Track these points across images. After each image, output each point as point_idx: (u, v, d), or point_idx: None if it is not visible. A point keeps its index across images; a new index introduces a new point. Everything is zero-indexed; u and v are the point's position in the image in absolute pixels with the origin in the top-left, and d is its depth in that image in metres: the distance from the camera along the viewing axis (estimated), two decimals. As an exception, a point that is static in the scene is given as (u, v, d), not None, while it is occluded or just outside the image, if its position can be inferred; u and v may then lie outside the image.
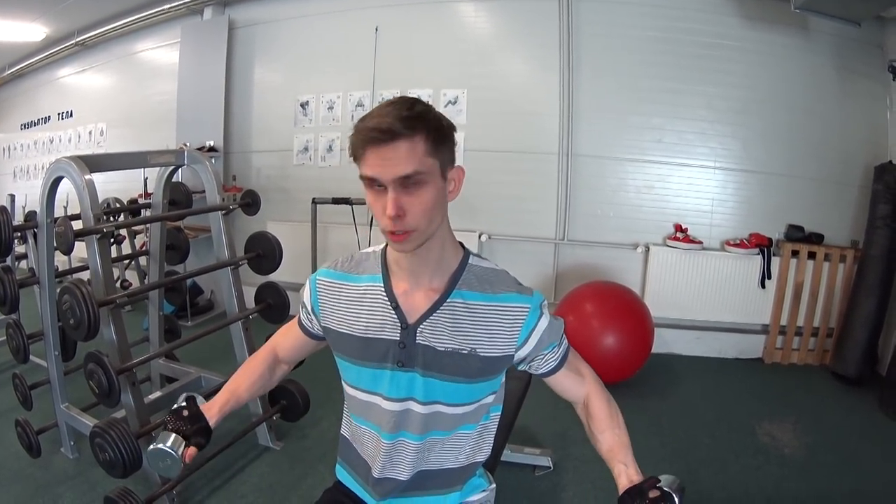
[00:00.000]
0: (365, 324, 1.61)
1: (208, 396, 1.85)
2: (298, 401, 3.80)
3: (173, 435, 1.66)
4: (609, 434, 1.72)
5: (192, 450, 1.69)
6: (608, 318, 4.63)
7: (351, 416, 1.78)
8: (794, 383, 4.95)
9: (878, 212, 4.90)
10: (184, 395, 1.77)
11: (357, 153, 1.38)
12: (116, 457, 2.74)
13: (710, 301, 5.38)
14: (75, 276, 3.72)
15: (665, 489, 1.43)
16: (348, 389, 1.73)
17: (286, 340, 1.92)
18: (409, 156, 1.33)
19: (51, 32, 7.69)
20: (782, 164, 5.34)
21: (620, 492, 1.49)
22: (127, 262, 6.65)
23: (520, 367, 1.69)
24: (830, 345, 5.23)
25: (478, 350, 1.55)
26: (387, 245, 1.60)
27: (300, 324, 1.82)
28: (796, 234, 5.26)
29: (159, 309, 4.17)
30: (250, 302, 3.83)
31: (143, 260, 6.25)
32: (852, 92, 5.27)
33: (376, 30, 5.99)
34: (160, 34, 7.24)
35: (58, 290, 2.91)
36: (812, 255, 5.22)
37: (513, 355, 1.59)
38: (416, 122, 1.33)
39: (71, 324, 2.77)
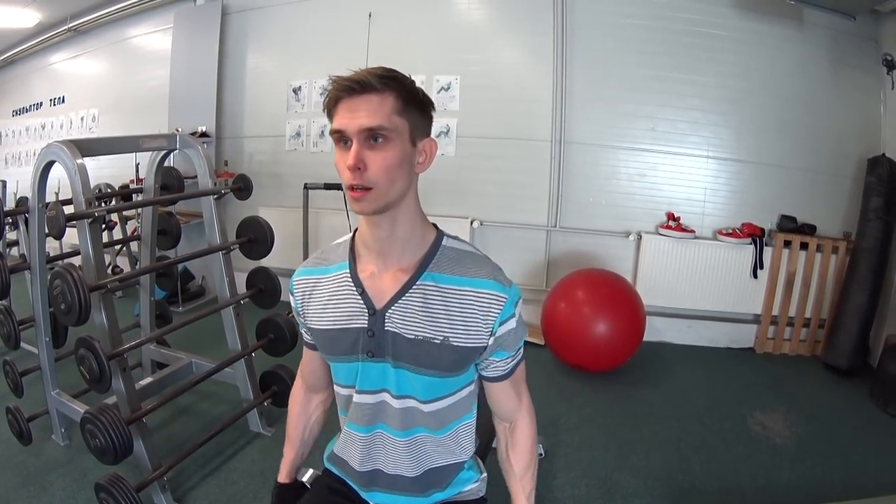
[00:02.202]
0: (334, 314, 1.58)
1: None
2: (289, 387, 3.76)
3: None
4: (518, 480, 1.70)
5: None
6: (600, 306, 4.63)
7: (339, 408, 1.75)
8: (785, 373, 4.97)
9: (870, 204, 4.90)
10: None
11: (330, 108, 1.41)
12: (107, 443, 2.74)
13: (702, 290, 5.38)
14: (66, 260, 3.70)
15: None
16: (334, 385, 1.71)
17: (305, 366, 1.88)
18: (378, 109, 1.34)
19: (43, 18, 7.64)
20: (775, 154, 5.34)
21: None
22: (118, 247, 6.63)
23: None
24: (822, 336, 5.25)
25: (451, 339, 1.48)
26: (356, 231, 1.59)
27: (304, 341, 1.79)
28: (789, 225, 5.26)
29: (150, 294, 4.16)
30: (242, 287, 3.83)
31: (134, 246, 6.24)
32: (846, 84, 5.25)
33: (370, 16, 5.96)
34: (153, 20, 7.21)
35: (49, 276, 2.90)
36: (804, 246, 5.22)
37: (485, 346, 1.51)
38: (390, 81, 1.37)
39: (62, 309, 2.76)
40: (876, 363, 4.65)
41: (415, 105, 1.39)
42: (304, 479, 1.94)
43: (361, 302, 1.52)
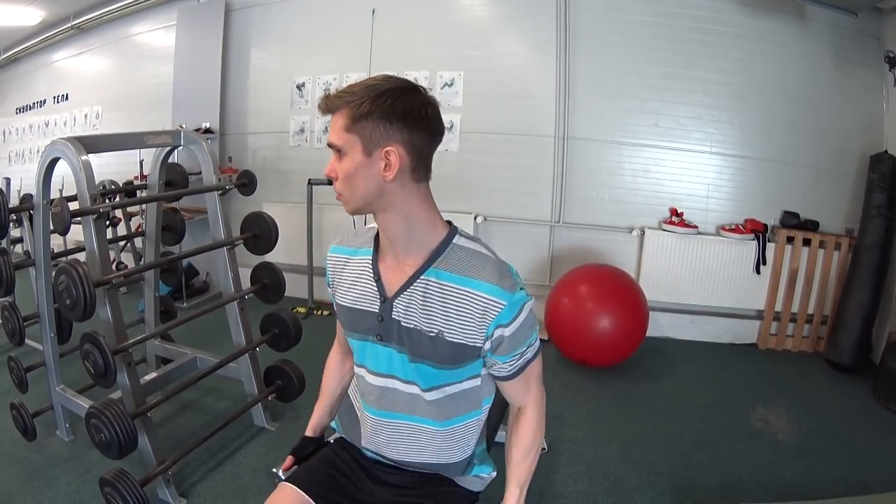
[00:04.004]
0: (355, 295, 1.71)
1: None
2: (294, 381, 3.81)
3: None
4: (515, 466, 1.74)
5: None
6: (603, 301, 4.65)
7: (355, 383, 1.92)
8: (788, 370, 4.97)
9: (872, 201, 4.90)
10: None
11: None
12: (112, 438, 2.75)
13: (704, 286, 5.38)
14: (71, 257, 3.71)
15: None
16: (354, 364, 1.84)
17: (339, 333, 2.01)
18: (334, 128, 1.50)
19: (47, 16, 7.64)
20: (778, 150, 5.33)
21: None
22: (123, 243, 6.66)
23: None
24: (825, 332, 5.25)
25: (445, 334, 1.56)
26: None
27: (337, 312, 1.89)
28: (791, 221, 5.26)
29: (155, 290, 4.18)
30: (246, 282, 3.83)
31: (138, 242, 6.25)
32: (848, 81, 5.25)
33: (373, 12, 5.96)
34: (156, 17, 7.20)
35: (54, 272, 2.90)
36: (807, 242, 5.23)
37: (481, 347, 1.58)
38: (340, 101, 1.48)
39: (67, 304, 2.77)
40: (878, 360, 4.67)
41: (364, 119, 1.45)
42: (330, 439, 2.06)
43: (376, 288, 1.65)
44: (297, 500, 1.78)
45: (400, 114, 1.45)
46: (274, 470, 1.96)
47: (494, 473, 1.90)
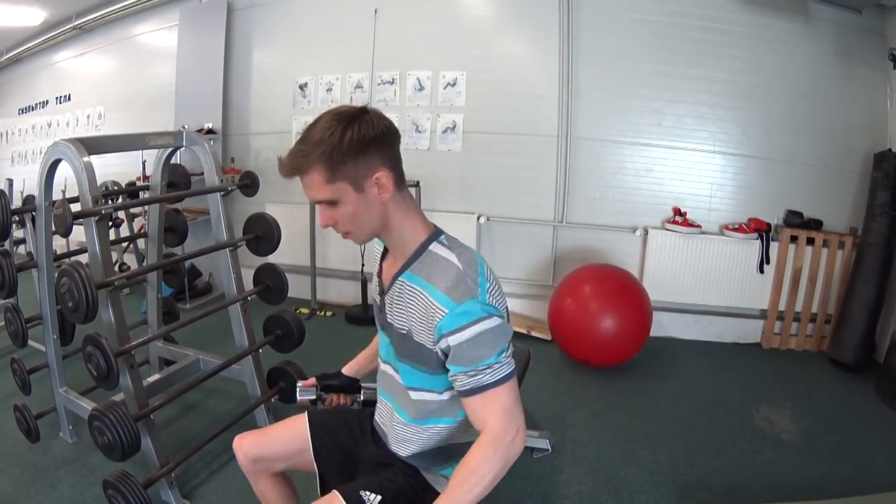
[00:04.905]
0: (375, 285, 1.91)
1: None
2: (296, 382, 3.79)
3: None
4: (450, 486, 1.56)
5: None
6: (606, 301, 4.65)
7: None
8: (791, 369, 4.97)
9: (876, 199, 4.89)
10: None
11: None
12: (115, 440, 2.75)
13: (708, 285, 5.37)
14: (73, 258, 3.71)
15: None
16: None
17: None
18: (313, 186, 1.57)
19: (49, 16, 7.63)
20: (782, 149, 5.32)
21: None
22: (125, 245, 6.65)
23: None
24: (828, 331, 5.23)
25: (413, 333, 1.67)
26: None
27: None
28: (795, 220, 5.25)
29: (158, 291, 4.18)
30: (249, 284, 3.83)
31: (141, 243, 6.25)
32: (852, 79, 5.23)
33: (375, 12, 5.95)
34: (158, 17, 7.19)
35: (56, 274, 2.90)
36: (811, 241, 5.21)
37: (433, 350, 1.63)
38: (304, 162, 1.54)
39: (69, 306, 2.77)
40: (882, 359, 4.65)
41: (340, 165, 1.53)
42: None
43: (378, 281, 1.87)
44: (300, 432, 2.09)
45: (369, 140, 1.53)
46: (299, 384, 2.24)
47: None
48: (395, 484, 1.83)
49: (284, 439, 2.14)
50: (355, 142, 1.51)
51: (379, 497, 1.77)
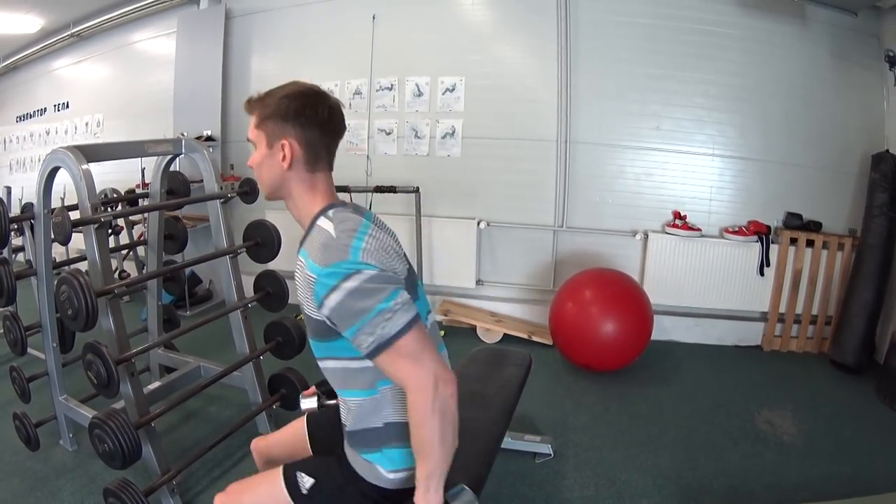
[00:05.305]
0: None
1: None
2: (298, 389, 3.79)
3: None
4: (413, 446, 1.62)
5: None
6: (607, 305, 4.64)
7: None
8: (792, 371, 4.96)
9: (875, 200, 4.90)
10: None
11: None
12: (116, 448, 2.74)
13: (709, 288, 5.37)
14: (73, 266, 3.70)
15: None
16: None
17: None
18: (250, 126, 1.83)
19: (46, 24, 7.63)
20: (780, 151, 5.33)
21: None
22: (125, 252, 6.65)
23: None
24: (829, 333, 5.23)
25: (304, 307, 1.70)
26: None
27: None
28: (794, 222, 5.25)
29: (158, 299, 4.18)
30: (249, 291, 3.83)
31: (141, 250, 6.25)
32: (849, 81, 5.24)
33: (374, 18, 5.96)
34: (156, 24, 7.20)
35: (55, 281, 2.90)
36: (810, 243, 5.22)
37: (323, 321, 1.64)
38: (253, 106, 1.81)
39: (69, 314, 2.77)
40: (882, 360, 4.65)
41: (267, 118, 1.78)
42: None
43: None
44: (299, 429, 2.26)
45: (293, 113, 1.74)
46: (301, 396, 2.22)
47: (396, 475, 1.79)
48: (329, 469, 1.92)
49: (287, 439, 2.29)
50: (283, 108, 1.74)
51: (312, 480, 1.89)
